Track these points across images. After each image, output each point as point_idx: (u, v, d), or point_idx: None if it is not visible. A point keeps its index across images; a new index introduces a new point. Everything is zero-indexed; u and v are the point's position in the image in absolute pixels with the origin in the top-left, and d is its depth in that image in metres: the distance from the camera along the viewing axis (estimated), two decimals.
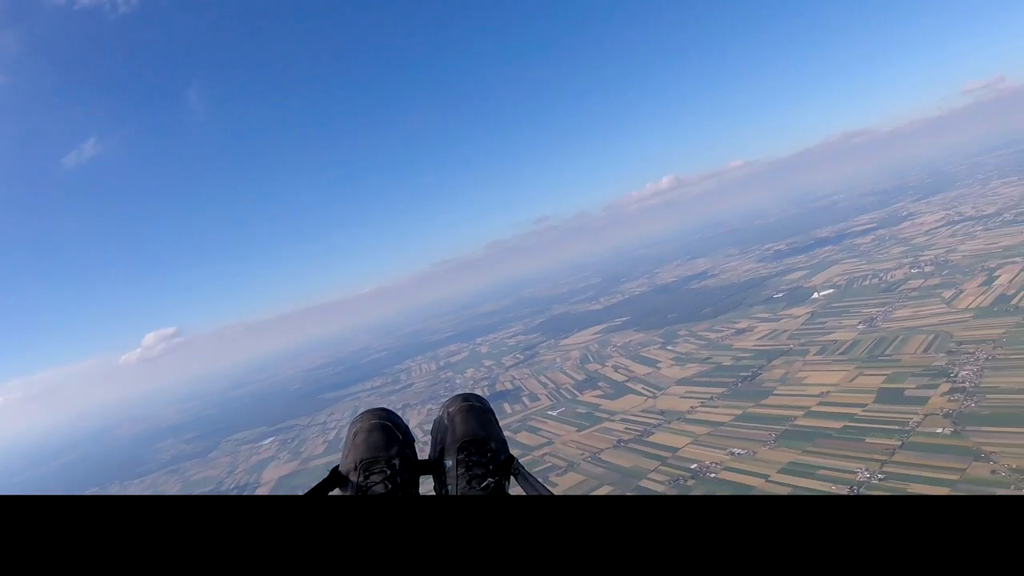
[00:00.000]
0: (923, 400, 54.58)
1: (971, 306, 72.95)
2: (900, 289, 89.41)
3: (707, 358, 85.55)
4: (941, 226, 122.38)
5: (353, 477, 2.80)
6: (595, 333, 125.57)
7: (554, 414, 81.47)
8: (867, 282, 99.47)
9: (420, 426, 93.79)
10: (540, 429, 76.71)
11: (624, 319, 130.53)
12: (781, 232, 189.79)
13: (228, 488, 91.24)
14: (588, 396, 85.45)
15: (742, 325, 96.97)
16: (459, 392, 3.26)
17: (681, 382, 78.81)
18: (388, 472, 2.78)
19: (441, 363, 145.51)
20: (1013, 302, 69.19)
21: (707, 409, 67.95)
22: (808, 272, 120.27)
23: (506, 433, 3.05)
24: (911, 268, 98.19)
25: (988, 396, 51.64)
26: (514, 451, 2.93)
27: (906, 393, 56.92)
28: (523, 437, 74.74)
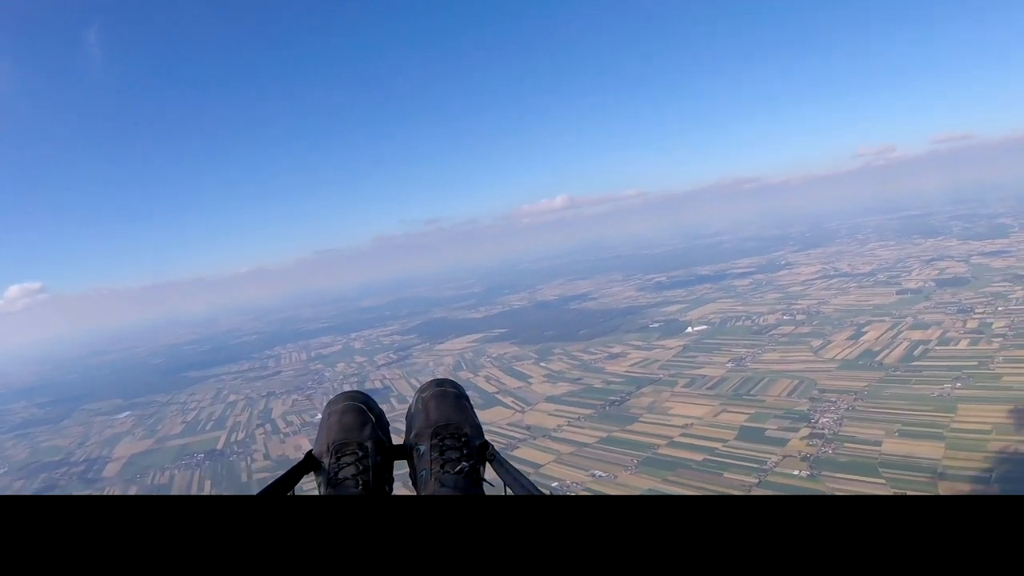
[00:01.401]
0: (783, 441, 56.78)
1: (837, 357, 76.88)
2: (771, 333, 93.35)
3: (579, 378, 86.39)
4: (817, 278, 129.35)
5: (325, 460, 2.82)
6: (471, 341, 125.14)
7: None
8: (740, 323, 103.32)
9: (283, 416, 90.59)
10: (404, 432, 74.96)
11: (502, 331, 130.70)
12: (664, 264, 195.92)
13: (77, 460, 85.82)
14: None
15: (616, 350, 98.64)
16: (433, 378, 3.28)
17: (550, 399, 79.07)
18: (360, 454, 2.80)
19: (312, 354, 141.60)
20: (878, 358, 73.42)
21: (573, 429, 68.29)
22: (685, 306, 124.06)
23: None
24: (783, 315, 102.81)
25: (845, 444, 54.24)
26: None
27: (767, 433, 59.00)
28: None
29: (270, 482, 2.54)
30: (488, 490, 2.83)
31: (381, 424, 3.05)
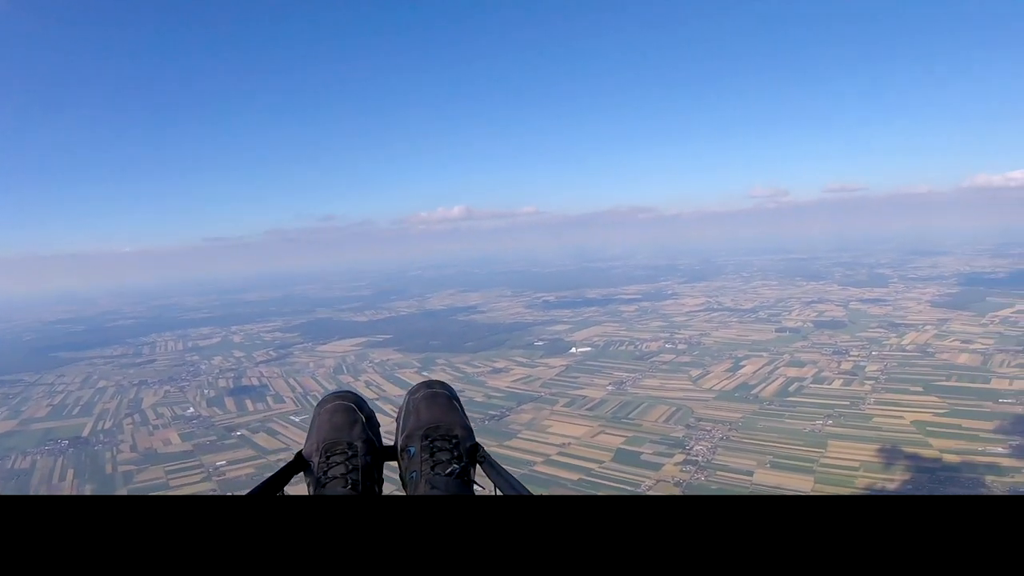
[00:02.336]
0: (657, 466, 57.50)
1: (715, 388, 79.06)
2: (652, 360, 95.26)
3: (460, 391, 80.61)
4: (701, 310, 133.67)
5: (315, 460, 2.82)
6: (354, 345, 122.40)
7: (296, 420, 77.74)
8: (623, 347, 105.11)
9: (153, 407, 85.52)
10: (279, 433, 72.35)
11: (386, 336, 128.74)
12: (554, 284, 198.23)
13: None
14: None
15: (500, 365, 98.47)
16: (424, 379, 3.32)
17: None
18: (349, 454, 2.82)
19: (189, 344, 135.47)
20: (754, 391, 75.90)
21: None
22: (571, 327, 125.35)
23: (243, 432, 2.23)
24: (666, 343, 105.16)
25: (718, 472, 55.54)
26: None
27: (642, 457, 59.69)
28: (261, 439, 70.93)
29: (259, 482, 2.48)
30: (478, 492, 2.87)
31: (371, 424, 3.08)
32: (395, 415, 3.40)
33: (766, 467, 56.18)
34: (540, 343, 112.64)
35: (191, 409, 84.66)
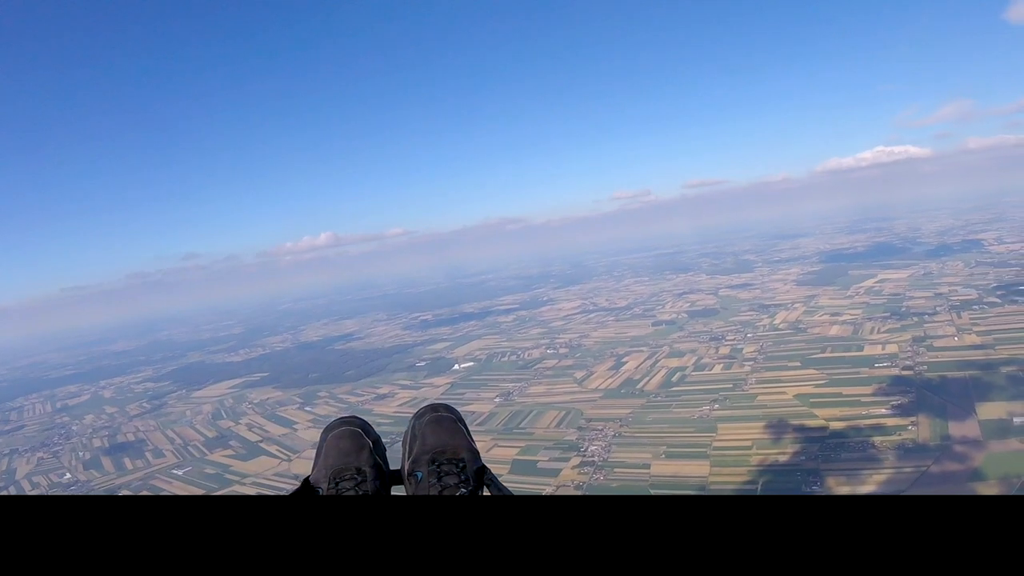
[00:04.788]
0: (555, 472, 57.52)
1: (600, 387, 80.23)
2: (536, 367, 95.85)
3: None
4: (577, 313, 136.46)
5: (323, 486, 2.84)
6: (231, 387, 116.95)
7: (180, 473, 73.17)
8: (506, 358, 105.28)
9: (28, 477, 79.27)
10: (163, 490, 67.66)
11: (263, 375, 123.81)
12: (430, 303, 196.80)
13: None
14: (218, 455, 78.48)
15: (384, 390, 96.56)
16: (429, 402, 3.29)
17: (317, 445, 75.12)
18: (359, 479, 2.83)
19: (58, 404, 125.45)
20: (639, 386, 77.30)
21: None
22: (451, 344, 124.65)
23: (125, 492, 2.21)
24: (547, 348, 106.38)
25: (615, 470, 56.01)
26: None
27: (539, 465, 59.48)
28: None
29: None
30: None
31: (378, 449, 3.03)
32: (280, 456, 2.20)
33: (661, 458, 57.02)
34: (422, 363, 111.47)
35: (67, 475, 79.14)
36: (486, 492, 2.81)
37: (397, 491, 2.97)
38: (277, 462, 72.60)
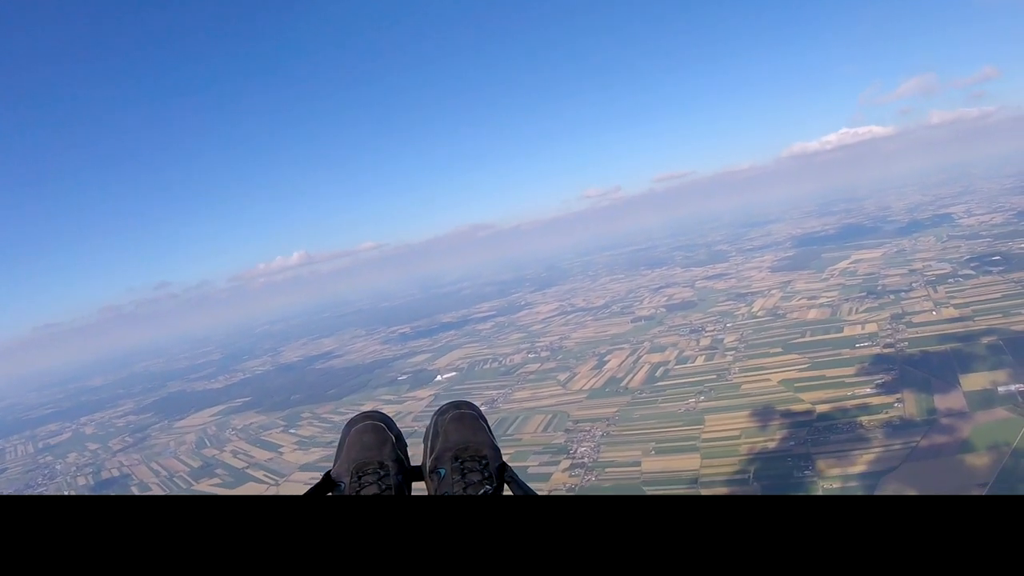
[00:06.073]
0: (546, 476, 57.18)
1: (585, 388, 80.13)
2: (519, 372, 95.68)
3: (331, 441, 79.86)
4: (556, 315, 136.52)
5: (345, 480, 2.86)
6: (213, 414, 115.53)
7: None
8: (488, 365, 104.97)
9: None
10: None
11: (245, 399, 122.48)
12: (407, 315, 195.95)
13: None
14: (204, 485, 77.38)
15: (368, 407, 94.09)
16: (451, 399, 3.21)
17: (305, 467, 74.34)
18: (381, 473, 2.82)
19: (40, 445, 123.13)
20: (623, 384, 77.37)
21: None
22: (432, 355, 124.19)
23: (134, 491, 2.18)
24: (528, 353, 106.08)
25: (607, 470, 55.98)
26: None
27: (529, 471, 58.86)
28: None
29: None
30: None
31: (400, 444, 3.00)
32: (268, 481, 2.13)
33: (651, 454, 56.93)
34: (404, 377, 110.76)
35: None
36: (507, 490, 2.75)
37: (418, 487, 2.96)
38: (265, 487, 71.68)
